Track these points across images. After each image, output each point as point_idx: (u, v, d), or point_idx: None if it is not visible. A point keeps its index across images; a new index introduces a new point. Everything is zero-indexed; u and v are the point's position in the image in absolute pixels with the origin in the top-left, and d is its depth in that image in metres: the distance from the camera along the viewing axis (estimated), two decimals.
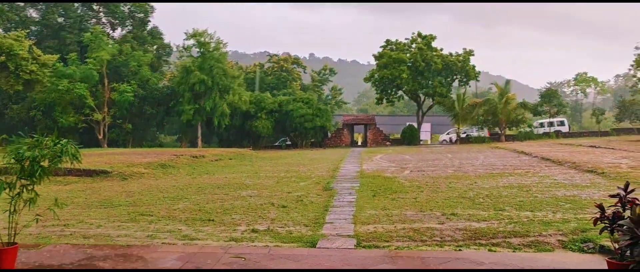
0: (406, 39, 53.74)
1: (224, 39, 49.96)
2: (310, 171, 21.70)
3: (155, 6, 58.03)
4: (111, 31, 57.07)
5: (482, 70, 54.16)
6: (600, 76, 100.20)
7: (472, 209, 11.01)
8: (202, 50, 47.75)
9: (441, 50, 52.42)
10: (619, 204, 6.01)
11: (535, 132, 51.77)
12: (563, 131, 53.17)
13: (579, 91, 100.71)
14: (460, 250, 7.76)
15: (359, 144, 55.29)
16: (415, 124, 54.61)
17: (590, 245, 7.73)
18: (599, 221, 6.15)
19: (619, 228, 5.77)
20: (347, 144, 51.92)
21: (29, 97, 46.57)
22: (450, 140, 54.07)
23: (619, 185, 13.90)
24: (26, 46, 38.28)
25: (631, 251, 5.39)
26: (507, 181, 16.01)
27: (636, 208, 5.50)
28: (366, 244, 8.18)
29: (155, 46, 58.58)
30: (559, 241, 8.13)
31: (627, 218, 5.58)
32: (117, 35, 57.38)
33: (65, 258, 7.38)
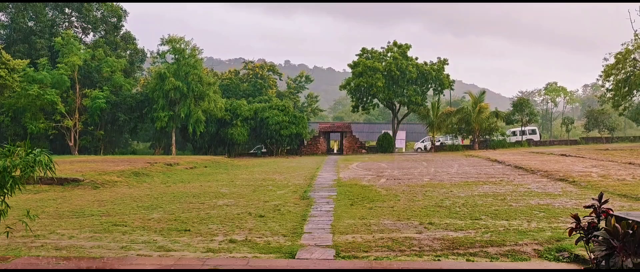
0: (382, 47, 54.24)
1: (199, 46, 49.54)
2: (286, 179, 21.61)
3: (129, 11, 57.41)
4: (83, 36, 56.09)
5: (456, 79, 54.93)
6: (568, 86, 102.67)
7: (449, 218, 11.09)
8: (178, 56, 47.27)
9: (416, 59, 53.01)
10: (593, 215, 6.12)
11: (508, 140, 52.67)
12: (534, 140, 54.26)
13: (549, 100, 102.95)
14: (439, 260, 7.79)
15: (335, 151, 55.42)
16: (390, 132, 55.02)
17: (566, 254, 7.85)
18: (574, 231, 6.24)
19: (595, 239, 5.86)
20: (323, 151, 51.97)
21: None
22: (424, 148, 54.62)
23: (590, 193, 14.25)
24: None
25: (607, 261, 5.48)
26: (482, 189, 16.20)
27: (611, 219, 5.60)
28: (345, 255, 8.15)
29: (128, 51, 57.77)
30: (534, 250, 8.23)
31: (603, 229, 5.68)
32: (89, 40, 56.42)
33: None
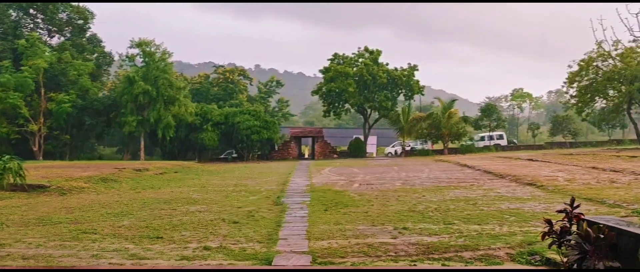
0: (353, 53, 54.63)
1: (169, 49, 48.77)
2: (259, 184, 21.49)
3: (96, 13, 56.16)
4: (48, 38, 54.68)
5: (425, 85, 55.74)
6: (533, 92, 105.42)
7: (423, 223, 11.20)
8: (147, 60, 46.53)
9: (387, 64, 53.54)
10: (565, 219, 6.28)
11: (476, 145, 53.62)
12: (502, 144, 55.39)
13: (516, 106, 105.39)
14: (415, 265, 7.86)
15: (306, 156, 55.37)
16: (361, 137, 55.38)
17: (537, 258, 8.00)
18: (547, 235, 6.39)
19: (567, 243, 6.01)
20: (294, 156, 51.90)
21: None
22: (395, 152, 55.12)
23: (557, 198, 14.61)
24: None
25: (579, 265, 5.62)
26: (454, 194, 16.43)
27: (583, 223, 5.76)
28: (322, 261, 8.14)
29: (95, 54, 56.53)
30: (507, 254, 8.37)
31: (575, 233, 5.83)
32: (55, 42, 55.02)
33: None
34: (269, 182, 22.66)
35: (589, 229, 5.51)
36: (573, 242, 5.77)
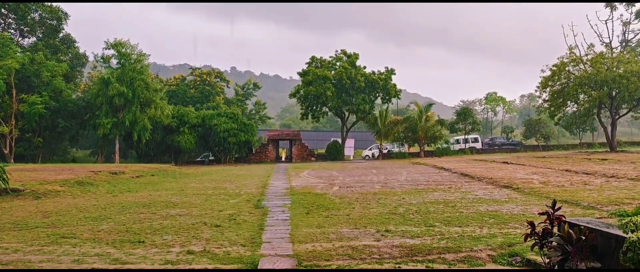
0: (331, 56, 54.78)
1: (144, 51, 48.19)
2: (238, 187, 21.39)
3: (70, 13, 55.11)
4: (21, 39, 53.42)
5: (401, 88, 56.14)
6: (506, 96, 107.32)
7: (405, 226, 11.33)
8: (123, 61, 45.81)
9: (364, 68, 53.87)
10: (547, 221, 6.45)
11: (452, 148, 54.30)
12: (477, 147, 56.23)
13: (489, 110, 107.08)
14: (399, 267, 7.96)
15: (283, 159, 55.29)
16: (339, 140, 55.54)
17: (518, 259, 8.19)
18: (529, 237, 6.55)
19: (549, 244, 6.18)
20: (272, 159, 51.76)
21: None
22: (372, 155, 55.44)
23: (533, 200, 14.92)
24: None
25: (561, 265, 5.78)
26: (433, 196, 16.64)
27: (565, 225, 5.92)
28: (308, 264, 8.17)
29: (68, 55, 55.42)
30: (489, 255, 8.54)
31: (557, 235, 6.00)
32: (27, 43, 53.76)
33: None
34: (248, 185, 22.58)
35: (571, 231, 5.68)
36: (555, 243, 5.93)
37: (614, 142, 42.67)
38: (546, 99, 45.22)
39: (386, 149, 55.13)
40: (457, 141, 57.85)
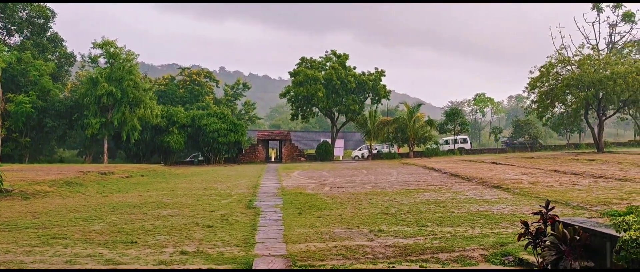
0: (321, 57, 54.84)
1: (133, 50, 47.69)
2: (229, 188, 21.34)
3: (57, 12, 54.54)
4: (7, 37, 52.78)
5: (389, 89, 56.26)
6: (494, 97, 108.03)
7: (397, 226, 11.38)
8: (112, 60, 45.44)
9: (354, 68, 53.99)
10: (540, 221, 6.52)
11: (441, 149, 54.57)
12: (466, 148, 56.57)
13: (478, 110, 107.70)
14: (393, 267, 8.00)
15: (273, 159, 55.20)
16: (329, 140, 55.59)
17: (510, 258, 8.26)
18: (523, 237, 6.61)
19: (542, 243, 6.24)
20: (262, 159, 51.66)
21: None
22: (362, 156, 55.54)
23: (523, 200, 15.05)
24: None
25: (555, 265, 5.85)
26: (424, 197, 16.73)
27: (559, 225, 5.99)
28: (302, 264, 8.19)
29: (56, 54, 54.87)
30: (481, 255, 8.61)
31: (551, 234, 6.07)
32: (14, 42, 53.13)
33: None
34: (239, 185, 22.53)
35: (566, 231, 5.75)
36: (549, 242, 6.00)
37: (601, 143, 43.14)
38: (534, 99, 45.58)
39: (376, 149, 55.26)
40: (446, 142, 58.15)
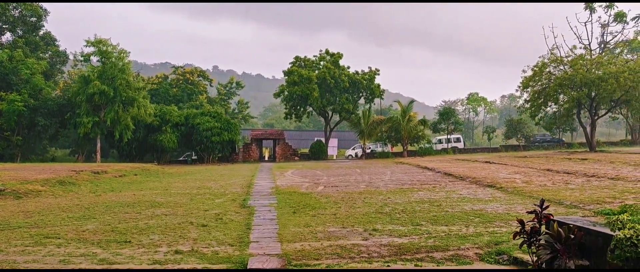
0: (315, 56, 54.82)
1: (126, 48, 47.39)
2: (223, 187, 21.29)
3: (49, 10, 54.22)
4: None
5: (383, 88, 56.35)
6: (487, 96, 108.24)
7: (392, 225, 11.39)
8: (104, 59, 45.15)
9: (348, 68, 54.02)
10: (535, 220, 6.54)
11: (434, 148, 54.71)
12: (459, 147, 56.74)
13: (471, 110, 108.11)
14: (389, 266, 8.01)
15: (267, 159, 55.12)
16: (323, 139, 55.59)
17: (505, 257, 8.30)
18: (518, 235, 6.64)
19: (537, 242, 6.27)
20: (256, 159, 51.58)
21: None
22: (356, 155, 55.59)
23: (517, 199, 15.10)
24: None
25: (550, 264, 5.87)
26: (418, 196, 16.76)
27: (554, 224, 6.02)
28: (297, 263, 8.18)
29: (48, 53, 54.51)
30: (476, 254, 8.64)
31: (546, 233, 6.09)
32: (5, 40, 52.72)
33: None
34: (233, 184, 22.48)
35: (561, 230, 5.77)
36: (543, 241, 6.02)
37: (594, 142, 43.42)
38: (527, 99, 45.80)
39: (369, 148, 55.31)
40: (440, 141, 58.31)
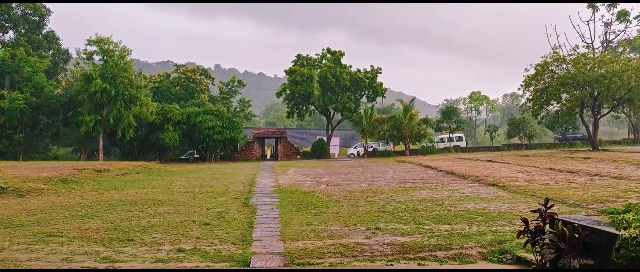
0: (317, 54, 54.77)
1: (128, 47, 47.39)
2: (225, 185, 21.28)
3: (52, 9, 54.33)
4: (1, 34, 52.45)
5: (385, 87, 56.29)
6: (488, 95, 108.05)
7: (394, 223, 11.37)
8: (106, 57, 45.18)
9: (350, 66, 53.97)
10: (539, 219, 6.51)
11: (436, 146, 54.65)
12: (461, 146, 56.68)
13: (473, 108, 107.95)
14: (391, 265, 7.99)
15: (269, 157, 55.11)
16: (325, 138, 55.55)
17: (509, 256, 8.27)
18: (522, 234, 6.61)
19: (541, 241, 6.24)
20: (258, 157, 51.59)
21: None
22: (358, 153, 55.54)
23: (520, 198, 15.05)
24: None
25: (554, 263, 5.85)
26: (420, 195, 16.73)
27: (558, 223, 5.99)
28: (300, 262, 8.16)
29: (51, 51, 54.58)
30: (479, 253, 8.61)
31: (550, 232, 6.06)
32: (8, 38, 52.81)
33: None
34: (235, 183, 22.48)
35: (565, 229, 5.74)
36: (548, 240, 6.00)
37: (596, 141, 43.32)
38: (529, 98, 45.70)
39: (371, 147, 55.25)
40: (442, 140, 58.23)
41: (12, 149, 44.76)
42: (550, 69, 42.58)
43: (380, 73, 54.54)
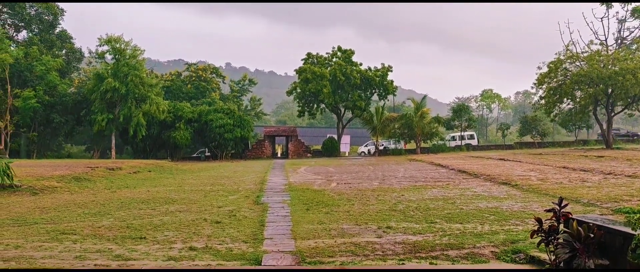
0: (327, 53, 54.76)
1: (139, 46, 47.69)
2: (236, 183, 21.34)
3: (65, 8, 54.80)
4: (15, 33, 53.01)
5: (395, 85, 56.10)
6: (500, 93, 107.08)
7: (405, 222, 11.33)
8: (118, 57, 45.51)
9: (360, 64, 53.89)
10: (553, 218, 6.44)
11: (448, 145, 54.40)
12: (473, 144, 56.37)
13: (485, 106, 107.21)
14: (403, 264, 7.95)
15: (279, 155, 55.22)
16: (335, 136, 55.54)
17: (522, 256, 8.19)
18: (536, 234, 6.54)
19: (555, 241, 6.17)
20: (268, 155, 51.71)
21: None
22: (368, 152, 55.46)
23: (533, 197, 14.93)
24: None
25: (569, 263, 5.78)
26: (432, 193, 16.65)
27: (573, 222, 5.92)
28: (311, 260, 8.15)
29: (64, 50, 55.07)
30: (492, 252, 8.54)
31: (564, 232, 5.99)
32: (22, 38, 53.39)
33: None
34: (246, 181, 22.53)
35: (580, 228, 5.67)
36: (562, 240, 5.93)
37: (610, 139, 42.84)
38: (542, 95, 45.30)
39: (382, 145, 55.15)
40: (453, 138, 57.98)
41: (26, 147, 45.26)
42: (563, 66, 42.17)
43: (391, 71, 54.42)
